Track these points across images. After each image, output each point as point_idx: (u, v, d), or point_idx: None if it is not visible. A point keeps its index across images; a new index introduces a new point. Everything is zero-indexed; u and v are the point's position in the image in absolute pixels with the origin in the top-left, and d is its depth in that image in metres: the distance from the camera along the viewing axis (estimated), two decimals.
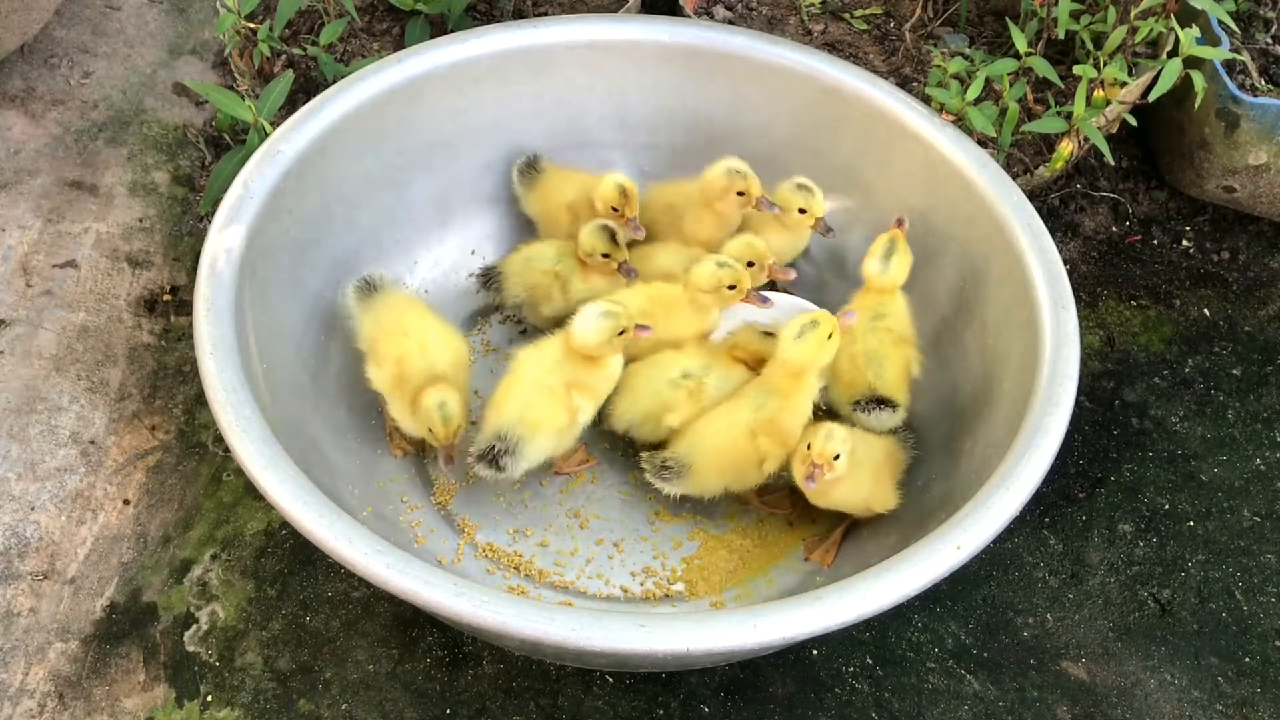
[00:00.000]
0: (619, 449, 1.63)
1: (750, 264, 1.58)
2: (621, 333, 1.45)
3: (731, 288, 1.53)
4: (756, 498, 1.57)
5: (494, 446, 1.44)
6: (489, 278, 1.70)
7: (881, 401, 1.53)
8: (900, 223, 1.59)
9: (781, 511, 1.57)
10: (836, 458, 1.39)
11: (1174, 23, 1.73)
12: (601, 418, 1.56)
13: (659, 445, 1.54)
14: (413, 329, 1.52)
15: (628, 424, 1.55)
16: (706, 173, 1.66)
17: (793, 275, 1.64)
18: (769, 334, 1.54)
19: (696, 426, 1.50)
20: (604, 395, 1.52)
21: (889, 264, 1.57)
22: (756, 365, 1.56)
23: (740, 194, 1.64)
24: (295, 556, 1.56)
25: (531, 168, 1.76)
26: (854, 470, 1.43)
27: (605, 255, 1.62)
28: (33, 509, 1.56)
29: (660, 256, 1.69)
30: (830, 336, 1.45)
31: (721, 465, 1.48)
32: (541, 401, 1.46)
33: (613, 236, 1.61)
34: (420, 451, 1.61)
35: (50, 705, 1.42)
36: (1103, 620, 1.58)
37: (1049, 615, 1.58)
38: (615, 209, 1.65)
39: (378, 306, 1.55)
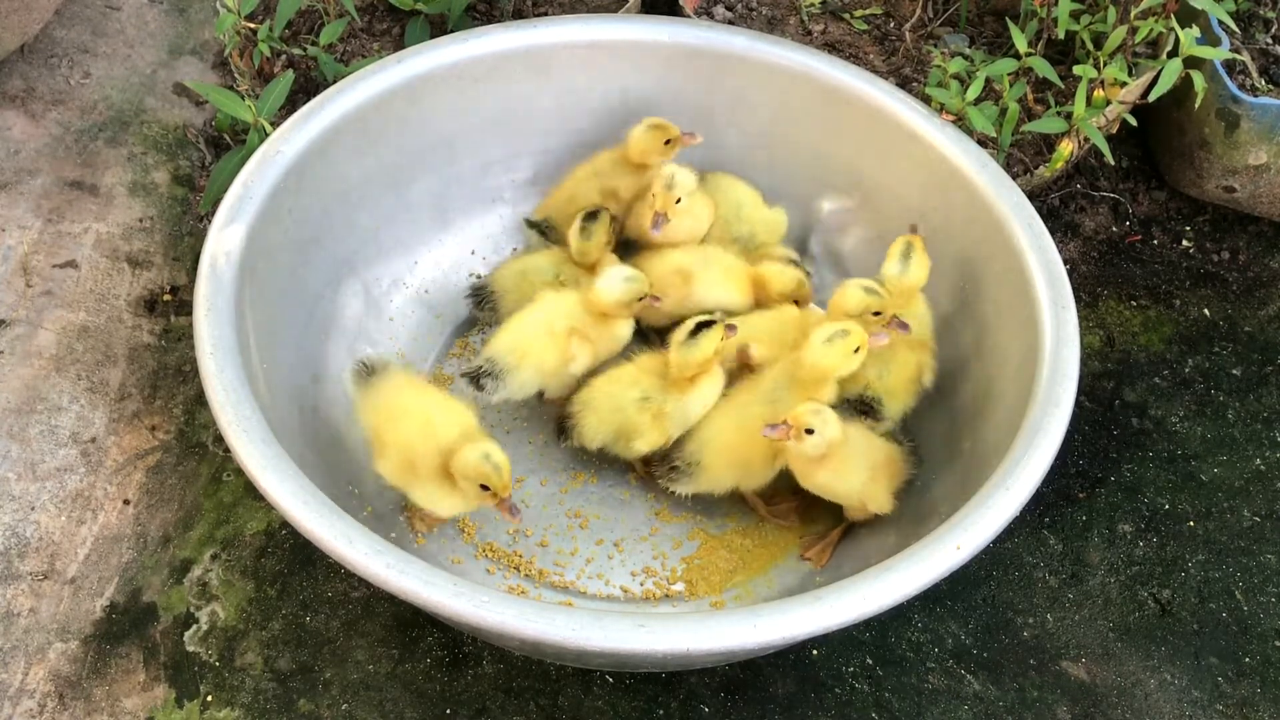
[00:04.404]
0: None
1: (877, 313, 1.52)
2: (641, 299, 1.53)
3: (876, 314, 1.51)
4: (764, 507, 1.56)
5: (480, 367, 1.50)
6: (481, 297, 1.68)
7: (863, 407, 1.52)
8: (914, 229, 1.58)
9: (787, 523, 1.57)
10: (809, 431, 1.39)
11: (1174, 23, 1.73)
12: (573, 436, 1.55)
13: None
14: (412, 407, 1.43)
15: (601, 442, 1.54)
16: (631, 135, 1.70)
17: (910, 330, 1.55)
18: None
19: (706, 422, 1.50)
20: (604, 355, 1.57)
21: (908, 265, 1.55)
22: (746, 368, 1.56)
23: (668, 142, 1.68)
24: (295, 556, 1.56)
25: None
26: (844, 460, 1.42)
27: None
28: (33, 509, 1.56)
29: (671, 257, 1.66)
30: (857, 350, 1.45)
31: (733, 461, 1.48)
32: (538, 338, 1.53)
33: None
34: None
35: (50, 705, 1.42)
36: (1103, 620, 1.58)
37: (1049, 615, 1.58)
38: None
39: (377, 391, 1.45)
